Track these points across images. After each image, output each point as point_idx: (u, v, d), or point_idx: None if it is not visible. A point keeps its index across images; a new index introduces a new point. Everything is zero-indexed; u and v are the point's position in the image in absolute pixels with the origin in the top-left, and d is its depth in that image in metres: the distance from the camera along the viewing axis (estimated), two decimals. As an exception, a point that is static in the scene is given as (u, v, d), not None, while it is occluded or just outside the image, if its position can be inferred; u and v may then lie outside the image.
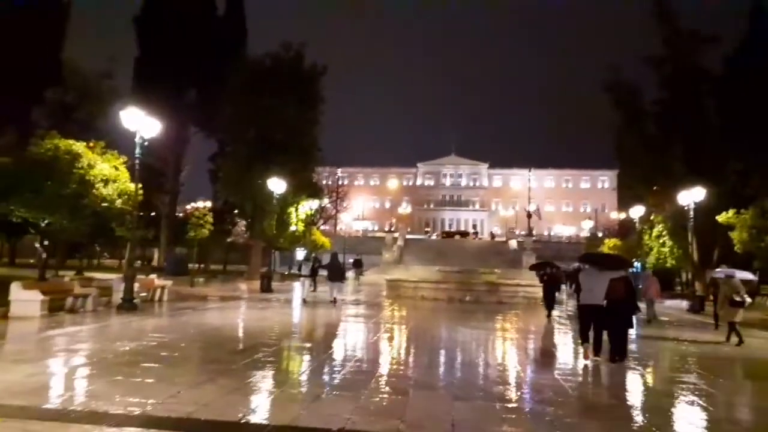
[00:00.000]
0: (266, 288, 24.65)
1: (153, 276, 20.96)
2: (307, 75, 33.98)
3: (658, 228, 31.94)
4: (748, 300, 15.04)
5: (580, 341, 10.14)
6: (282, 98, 32.34)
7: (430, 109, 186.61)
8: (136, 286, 15.50)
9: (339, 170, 71.37)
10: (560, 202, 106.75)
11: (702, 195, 23.84)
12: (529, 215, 78.33)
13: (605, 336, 10.02)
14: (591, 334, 9.92)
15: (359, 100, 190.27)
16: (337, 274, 20.53)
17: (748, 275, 21.83)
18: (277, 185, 25.92)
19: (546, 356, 10.95)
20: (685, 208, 25.31)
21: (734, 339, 12.85)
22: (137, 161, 15.76)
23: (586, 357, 9.81)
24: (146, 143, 16.55)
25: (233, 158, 32.71)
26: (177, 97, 39.72)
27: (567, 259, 59.49)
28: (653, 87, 32.95)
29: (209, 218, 27.30)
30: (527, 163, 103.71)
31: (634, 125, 32.39)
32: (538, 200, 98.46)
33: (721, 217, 22.97)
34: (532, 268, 22.48)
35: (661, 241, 31.78)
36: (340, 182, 76.07)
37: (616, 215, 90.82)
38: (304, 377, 7.67)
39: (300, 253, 50.27)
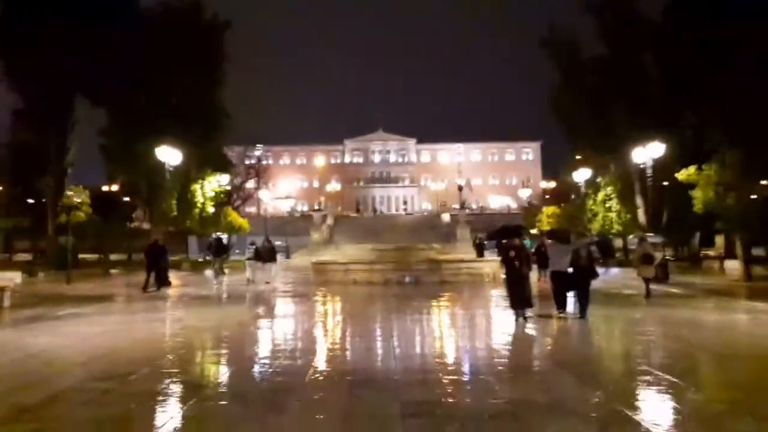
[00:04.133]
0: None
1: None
2: (206, 28, 28.99)
3: (605, 191, 29.76)
4: (658, 256, 18.00)
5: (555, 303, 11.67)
6: (176, 56, 27.29)
7: (356, 84, 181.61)
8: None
9: (260, 146, 65.78)
10: (487, 174, 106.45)
11: (661, 150, 21.46)
12: (460, 188, 76.41)
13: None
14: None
15: (281, 75, 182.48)
16: (270, 256, 21.97)
17: (657, 239, 23.17)
18: (168, 155, 21.24)
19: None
20: (641, 166, 23.00)
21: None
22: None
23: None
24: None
25: (120, 129, 27.40)
26: (55, 60, 33.45)
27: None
28: (591, 43, 30.59)
29: (85, 199, 22.21)
30: (454, 137, 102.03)
31: (573, 83, 29.93)
32: (466, 174, 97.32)
33: (681, 175, 20.64)
34: (493, 237, 18.66)
35: (607, 205, 29.63)
36: (261, 160, 70.75)
37: (545, 184, 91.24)
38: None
39: (224, 238, 45.24)
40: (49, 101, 34.82)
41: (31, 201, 33.57)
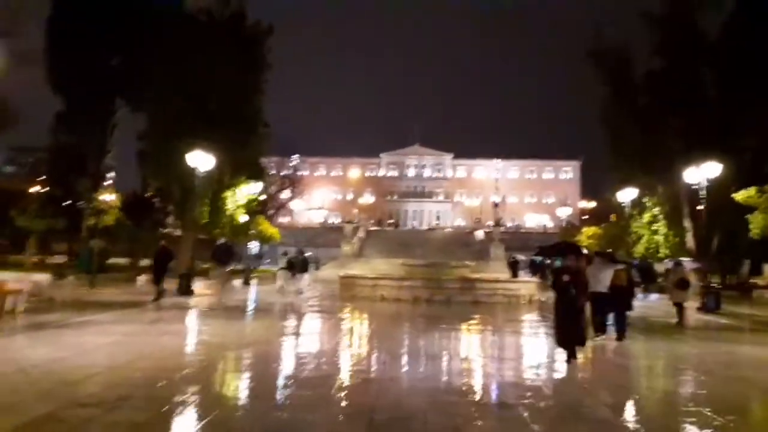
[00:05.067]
0: (184, 289, 19.57)
1: (6, 278, 15.62)
2: (248, 35, 28.73)
3: (651, 212, 28.14)
4: (694, 282, 17.74)
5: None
6: (217, 62, 27.05)
7: (394, 98, 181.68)
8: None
9: (296, 156, 65.81)
10: (524, 192, 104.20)
11: (717, 171, 19.98)
12: (495, 205, 74.85)
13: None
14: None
15: (320, 88, 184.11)
16: (302, 267, 22.30)
17: (694, 264, 22.64)
18: (200, 160, 20.80)
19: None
20: (693, 187, 21.51)
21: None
22: None
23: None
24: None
25: (156, 133, 27.24)
26: (98, 64, 33.91)
27: (536, 249, 56.19)
28: (642, 55, 29.18)
29: (115, 203, 21.95)
30: (491, 153, 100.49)
31: (623, 98, 28.54)
32: (502, 191, 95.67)
33: (739, 196, 19.17)
34: (545, 253, 17.08)
35: (653, 228, 28.00)
36: (297, 170, 70.82)
37: (584, 204, 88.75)
38: None
39: (255, 248, 45.13)
40: (90, 104, 35.33)
41: (68, 203, 33.79)
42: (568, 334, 8.75)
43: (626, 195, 27.67)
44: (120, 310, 14.21)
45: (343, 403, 5.94)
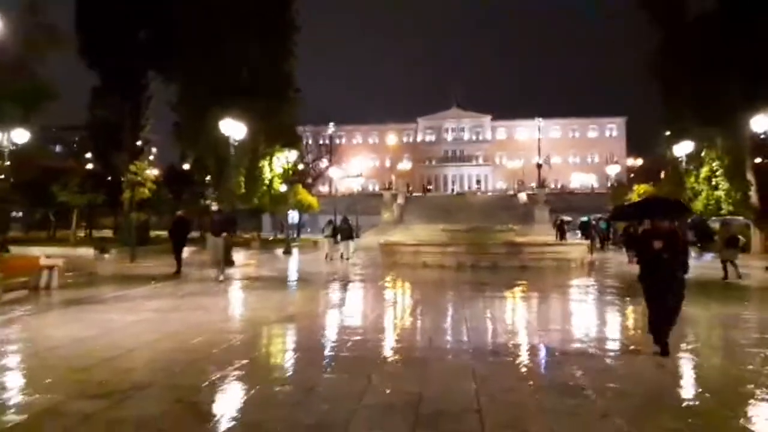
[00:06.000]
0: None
1: (42, 252, 15.44)
2: (276, -2, 27.77)
3: (709, 166, 26.21)
4: (742, 239, 17.60)
5: None
6: (245, 26, 26.27)
7: (430, 60, 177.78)
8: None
9: (331, 124, 64.96)
10: (568, 152, 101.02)
11: (786, 118, 18.18)
12: (538, 166, 72.43)
13: None
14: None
15: (355, 55, 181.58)
16: (348, 234, 22.81)
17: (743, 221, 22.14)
18: (232, 128, 20.17)
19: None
20: (760, 136, 19.71)
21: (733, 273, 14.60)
22: None
23: None
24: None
25: (189, 104, 26.79)
26: (129, 36, 33.51)
27: (584, 210, 54.20)
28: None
29: (149, 175, 21.66)
30: (531, 113, 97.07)
31: (677, 44, 26.37)
32: (544, 151, 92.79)
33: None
34: (625, 215, 13.15)
35: (713, 183, 26.12)
36: (333, 138, 70.08)
37: (631, 162, 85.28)
38: None
39: (295, 216, 45.08)
40: (123, 78, 35.13)
41: (109, 178, 34.03)
42: (661, 318, 6.56)
43: (682, 149, 25.76)
44: (155, 284, 13.85)
45: (387, 390, 5.16)
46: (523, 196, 62.07)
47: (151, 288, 13.16)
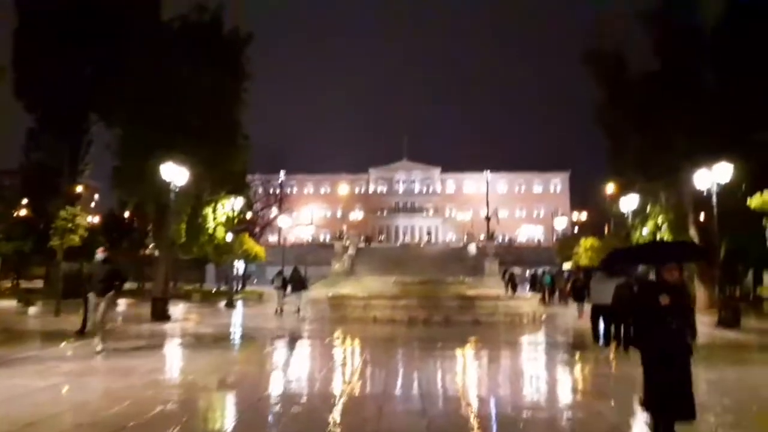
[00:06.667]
0: (159, 314, 17.81)
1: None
2: (226, 42, 27.22)
3: (654, 221, 26.77)
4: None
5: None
6: (194, 71, 25.53)
7: (381, 113, 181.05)
8: None
9: (282, 173, 64.25)
10: (515, 205, 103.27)
11: (728, 173, 18.70)
12: (487, 219, 73.40)
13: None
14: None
15: (305, 105, 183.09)
16: (299, 285, 22.35)
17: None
18: (174, 173, 19.17)
19: None
20: (703, 192, 20.18)
21: None
22: None
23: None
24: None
25: (131, 148, 25.51)
26: (69, 77, 32.15)
27: (530, 263, 54.78)
28: (638, 56, 28.06)
29: (81, 221, 20.19)
30: (480, 165, 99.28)
31: (620, 100, 27.32)
32: (492, 204, 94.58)
33: (754, 201, 17.80)
34: (621, 259, 10.89)
35: (657, 237, 26.61)
36: (283, 186, 69.21)
37: (576, 215, 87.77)
38: None
39: (240, 266, 43.54)
40: (61, 120, 33.54)
41: (42, 225, 31.87)
42: (665, 395, 5.16)
43: (628, 203, 26.30)
44: (77, 342, 12.44)
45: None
46: (472, 248, 62.37)
47: (70, 346, 11.77)
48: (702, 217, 24.35)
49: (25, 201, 38.20)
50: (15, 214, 35.32)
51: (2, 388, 7.45)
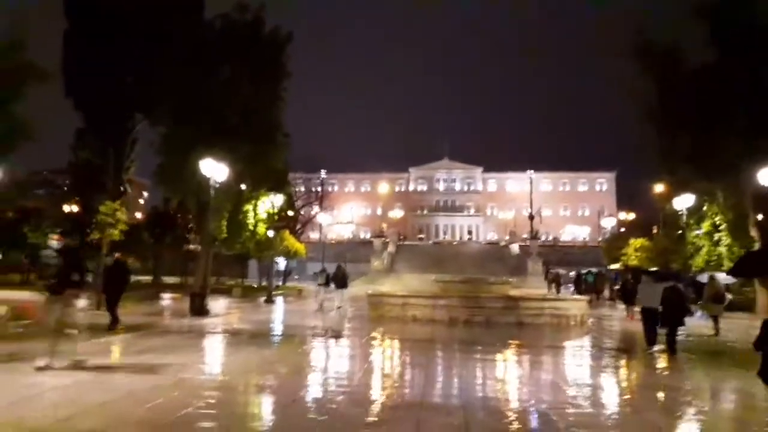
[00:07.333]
0: (197, 309, 17.78)
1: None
2: (267, 41, 27.18)
3: (711, 221, 25.32)
4: (729, 296, 19.11)
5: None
6: (235, 69, 25.64)
7: (422, 112, 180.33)
8: None
9: (322, 171, 64.37)
10: (558, 205, 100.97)
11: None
12: (531, 217, 71.72)
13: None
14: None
15: (349, 105, 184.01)
16: (341, 282, 22.40)
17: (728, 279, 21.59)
18: (213, 169, 19.13)
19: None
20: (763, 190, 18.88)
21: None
22: None
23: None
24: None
25: (174, 146, 25.77)
26: (116, 78, 32.77)
27: (575, 263, 53.06)
28: (692, 51, 26.59)
29: (121, 215, 20.40)
30: (522, 166, 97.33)
31: (674, 96, 25.92)
32: (535, 204, 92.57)
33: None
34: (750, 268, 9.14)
35: (715, 238, 25.18)
36: (326, 186, 69.45)
37: (622, 215, 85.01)
38: None
39: (282, 263, 43.79)
40: (108, 119, 34.27)
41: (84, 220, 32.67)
42: None
43: (683, 202, 24.91)
44: (109, 336, 12.39)
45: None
46: (515, 248, 61.11)
47: (102, 341, 11.69)
48: (762, 217, 22.89)
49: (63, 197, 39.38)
50: (68, 211, 36.38)
51: (20, 387, 7.27)
